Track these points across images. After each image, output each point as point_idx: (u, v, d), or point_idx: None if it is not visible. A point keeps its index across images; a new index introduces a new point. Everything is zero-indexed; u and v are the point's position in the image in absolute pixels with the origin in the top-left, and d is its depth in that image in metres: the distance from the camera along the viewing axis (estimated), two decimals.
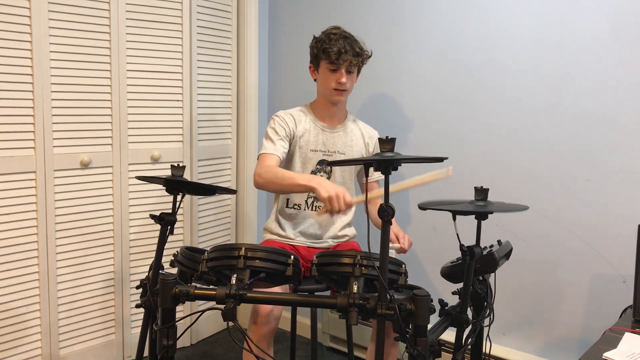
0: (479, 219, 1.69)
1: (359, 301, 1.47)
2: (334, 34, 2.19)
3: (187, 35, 2.78)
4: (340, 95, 2.22)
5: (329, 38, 2.18)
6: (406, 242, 2.12)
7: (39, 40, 2.32)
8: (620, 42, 2.08)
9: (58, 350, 2.52)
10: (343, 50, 2.14)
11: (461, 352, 1.70)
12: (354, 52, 2.16)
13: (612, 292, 2.15)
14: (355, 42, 2.20)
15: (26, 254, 2.39)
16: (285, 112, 2.29)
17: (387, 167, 1.47)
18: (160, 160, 2.76)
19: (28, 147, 2.36)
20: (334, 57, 2.14)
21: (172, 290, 1.56)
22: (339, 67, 2.16)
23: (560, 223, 2.26)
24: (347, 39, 2.19)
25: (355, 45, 2.19)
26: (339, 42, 2.15)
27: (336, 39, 2.16)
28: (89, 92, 2.51)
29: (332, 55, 2.14)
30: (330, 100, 2.25)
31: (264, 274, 1.61)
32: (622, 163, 2.11)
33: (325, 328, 2.94)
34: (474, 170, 2.46)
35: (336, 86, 2.19)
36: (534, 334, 2.36)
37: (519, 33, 2.30)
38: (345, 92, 2.23)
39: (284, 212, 2.31)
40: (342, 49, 2.14)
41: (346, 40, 2.17)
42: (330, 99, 2.25)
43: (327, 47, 2.16)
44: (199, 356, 2.90)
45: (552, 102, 2.24)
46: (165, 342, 1.57)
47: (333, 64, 2.16)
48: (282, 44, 3.13)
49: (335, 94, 2.22)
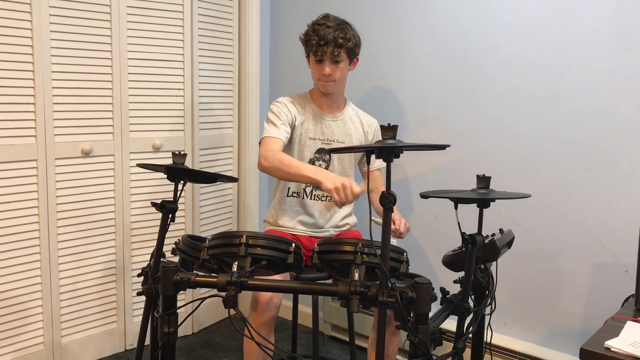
0: (481, 207, 1.68)
1: (360, 289, 1.47)
2: (320, 24, 2.16)
3: (189, 23, 2.77)
4: (327, 85, 2.20)
5: (314, 29, 2.16)
6: (402, 226, 2.08)
7: (39, 28, 2.31)
8: (622, 31, 2.06)
9: (60, 338, 2.53)
10: (323, 42, 2.11)
11: (462, 340, 1.70)
12: (335, 43, 2.12)
13: (614, 282, 2.14)
14: (342, 30, 2.14)
15: (27, 242, 2.39)
16: (286, 99, 2.28)
17: (389, 155, 1.46)
18: (162, 149, 2.75)
19: (29, 136, 2.36)
20: (314, 49, 2.14)
21: (174, 277, 1.56)
22: (322, 58, 2.16)
23: (563, 212, 2.25)
24: (331, 28, 2.13)
25: (340, 34, 2.12)
26: (321, 33, 2.12)
27: (319, 29, 2.13)
28: (90, 81, 2.51)
29: (313, 47, 2.14)
30: (321, 90, 2.25)
31: (265, 261, 1.61)
32: (624, 152, 2.09)
33: (327, 317, 2.95)
34: (476, 159, 2.45)
35: (321, 77, 2.19)
36: (536, 323, 2.36)
37: (520, 22, 2.28)
38: (333, 82, 2.20)
39: (283, 202, 2.31)
40: (322, 40, 2.11)
41: (329, 30, 2.12)
42: (320, 90, 2.25)
43: (309, 39, 2.16)
44: (201, 344, 2.91)
45: (553, 91, 2.23)
46: (167, 330, 1.57)
47: (315, 55, 2.16)
48: (284, 33, 3.12)
49: (322, 85, 2.21)
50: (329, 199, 2.26)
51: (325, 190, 1.85)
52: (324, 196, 2.27)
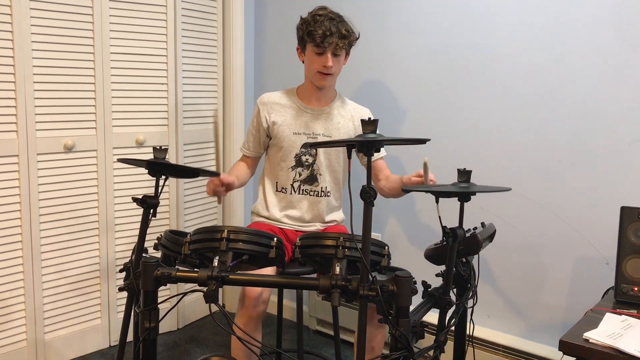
0: (462, 200, 1.69)
1: (341, 282, 1.47)
2: (320, 15, 2.13)
3: (172, 17, 2.75)
4: (324, 79, 2.18)
5: (315, 20, 2.11)
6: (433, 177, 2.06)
7: (19, 22, 2.29)
8: (608, 27, 2.08)
9: (43, 335, 2.52)
10: (328, 32, 2.08)
11: (444, 333, 1.71)
12: (340, 35, 2.10)
13: (595, 274, 2.16)
14: (342, 23, 2.13)
15: (10, 239, 2.37)
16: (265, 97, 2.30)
17: (369, 149, 1.46)
18: (145, 144, 2.73)
19: (10, 131, 2.33)
20: (319, 40, 2.09)
21: (154, 272, 1.55)
22: (325, 50, 2.11)
23: (545, 206, 2.27)
24: (334, 20, 2.12)
25: (342, 26, 2.12)
26: (325, 24, 2.09)
27: (322, 20, 2.10)
28: (72, 75, 2.48)
29: (317, 38, 2.09)
30: (316, 84, 2.22)
31: (247, 256, 1.60)
32: (606, 146, 2.11)
33: (312, 312, 2.95)
34: (459, 154, 2.46)
35: (322, 69, 2.15)
36: (518, 316, 2.38)
37: (504, 18, 2.29)
38: (331, 76, 2.18)
39: (271, 195, 2.30)
40: (328, 31, 2.08)
41: (332, 22, 2.10)
42: (315, 83, 2.22)
43: (312, 30, 2.10)
44: (186, 340, 2.90)
45: (537, 86, 2.24)
46: (147, 325, 1.56)
47: (319, 47, 2.11)
48: (269, 28, 3.11)
49: (320, 78, 2.18)
50: (316, 194, 2.26)
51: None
52: (311, 191, 2.26)
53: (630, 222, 1.82)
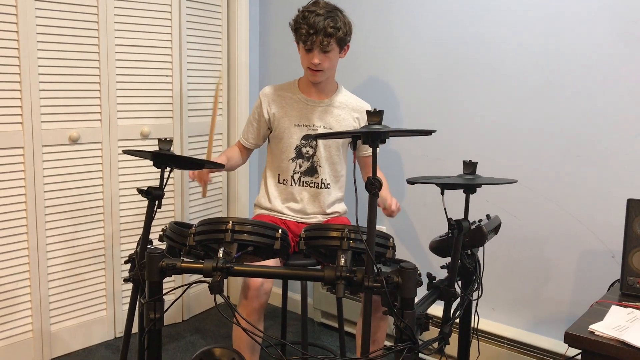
0: (467, 192, 1.69)
1: (346, 274, 1.47)
2: (309, 11, 2.09)
3: (177, 10, 2.74)
4: (315, 75, 2.17)
5: (304, 16, 2.09)
6: (393, 204, 2.08)
7: (24, 13, 2.28)
8: (611, 18, 2.06)
9: (49, 326, 2.53)
10: (312, 30, 2.05)
11: (448, 325, 1.70)
12: (325, 33, 2.05)
13: (601, 267, 2.15)
14: (332, 18, 2.07)
15: (15, 230, 2.38)
16: (267, 90, 2.31)
17: (374, 140, 1.46)
18: (150, 136, 2.74)
19: (16, 123, 2.33)
20: (304, 38, 2.08)
21: (159, 263, 1.55)
22: (312, 47, 2.10)
23: (550, 199, 2.26)
24: (321, 16, 2.06)
25: (330, 23, 2.06)
26: (310, 21, 2.05)
27: (309, 17, 2.06)
28: (77, 67, 2.48)
29: (302, 36, 2.09)
30: (309, 79, 2.22)
31: (251, 247, 1.61)
32: (611, 139, 2.10)
33: (317, 304, 2.96)
34: (464, 146, 2.45)
35: (310, 66, 2.14)
36: (524, 308, 2.38)
37: (510, 10, 2.28)
38: (321, 72, 2.16)
39: (273, 187, 2.30)
40: (312, 29, 2.05)
41: (319, 18, 2.05)
42: (308, 78, 2.22)
43: (298, 27, 2.10)
44: (191, 332, 2.91)
45: (542, 78, 2.23)
46: (152, 316, 1.57)
47: (305, 44, 2.10)
48: (273, 20, 3.10)
49: (310, 74, 2.18)
50: (316, 185, 2.26)
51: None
52: (312, 183, 2.26)
53: (636, 215, 1.81)
